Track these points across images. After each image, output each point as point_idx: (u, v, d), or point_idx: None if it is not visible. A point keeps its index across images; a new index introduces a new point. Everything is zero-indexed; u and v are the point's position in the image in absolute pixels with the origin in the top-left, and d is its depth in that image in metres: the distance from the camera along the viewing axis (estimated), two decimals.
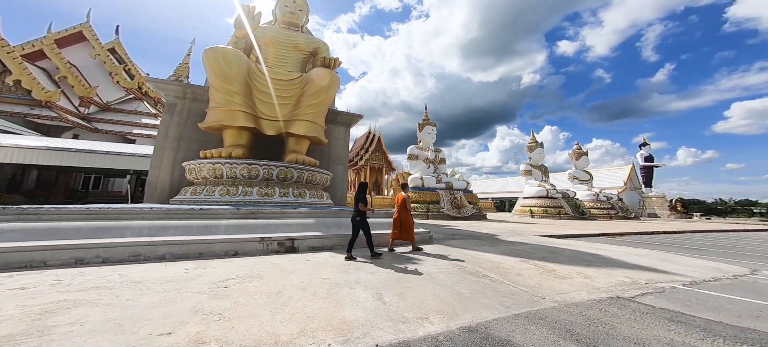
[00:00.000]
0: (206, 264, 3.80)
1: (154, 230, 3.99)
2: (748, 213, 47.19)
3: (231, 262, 3.97)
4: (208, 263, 3.89)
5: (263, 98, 10.56)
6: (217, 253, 4.17)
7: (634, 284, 3.69)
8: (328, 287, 3.02)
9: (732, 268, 5.12)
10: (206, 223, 4.31)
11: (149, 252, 3.79)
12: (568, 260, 5.07)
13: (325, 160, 14.39)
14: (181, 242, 3.97)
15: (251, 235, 4.39)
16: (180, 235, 4.04)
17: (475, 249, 5.93)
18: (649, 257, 5.71)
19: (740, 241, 11.41)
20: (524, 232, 10.41)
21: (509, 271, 4.03)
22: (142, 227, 3.99)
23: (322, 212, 5.79)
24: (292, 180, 7.91)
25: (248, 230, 4.48)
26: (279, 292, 2.78)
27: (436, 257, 4.96)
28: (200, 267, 3.67)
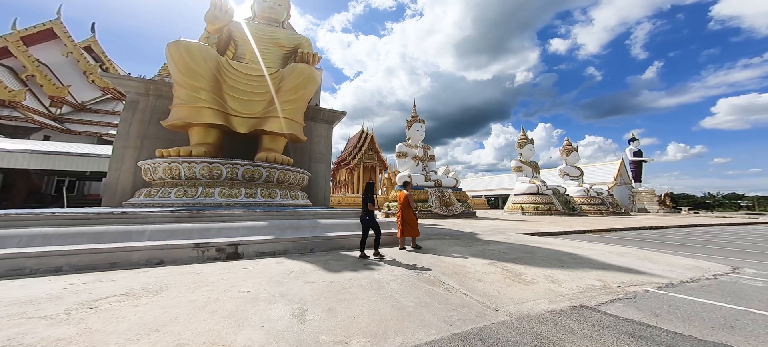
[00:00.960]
0: (107, 277, 3.33)
1: (52, 238, 3.48)
2: (735, 207, 48.09)
3: (144, 273, 3.51)
4: (115, 275, 3.42)
5: (235, 94, 10.06)
6: (134, 262, 3.71)
7: (604, 288, 3.37)
8: (240, 303, 2.61)
9: (713, 266, 4.86)
10: (126, 228, 3.85)
11: (38, 265, 3.30)
12: (541, 261, 4.75)
13: (305, 158, 13.94)
14: (86, 252, 3.49)
15: (183, 241, 3.95)
16: (87, 243, 3.54)
17: (447, 251, 5.58)
18: (629, 256, 5.43)
19: (725, 236, 11.31)
20: (507, 230, 10.12)
21: (471, 276, 3.68)
22: (34, 236, 3.45)
23: (281, 214, 5.35)
24: (260, 180, 7.46)
25: (181, 236, 4.05)
26: (163, 312, 2.36)
27: (400, 261, 4.59)
28: (96, 280, 3.21)
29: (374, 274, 3.70)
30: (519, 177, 30.83)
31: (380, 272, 3.83)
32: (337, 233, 5.20)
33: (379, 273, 3.80)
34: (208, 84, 9.00)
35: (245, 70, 10.91)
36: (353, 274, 3.65)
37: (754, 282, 3.92)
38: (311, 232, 4.98)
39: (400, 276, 3.67)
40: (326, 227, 5.27)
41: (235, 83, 10.21)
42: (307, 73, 12.02)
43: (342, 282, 3.29)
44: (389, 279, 3.51)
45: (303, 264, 4.10)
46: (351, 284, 3.23)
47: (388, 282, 3.33)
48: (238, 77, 10.43)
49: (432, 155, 24.33)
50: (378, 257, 4.68)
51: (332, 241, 5.06)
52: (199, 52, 9.02)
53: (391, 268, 4.10)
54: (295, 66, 12.54)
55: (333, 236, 5.07)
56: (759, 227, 16.93)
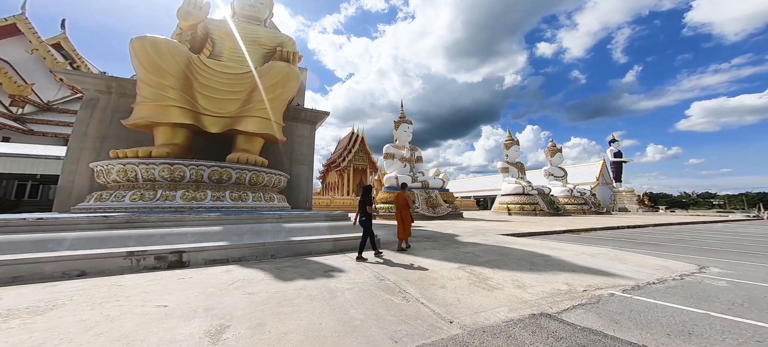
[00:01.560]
0: None
1: None
2: (708, 205, 50.55)
3: (50, 287, 3.10)
4: (12, 290, 3.01)
5: (207, 92, 9.62)
6: (47, 275, 3.29)
7: (569, 293, 3.25)
8: (145, 320, 2.31)
9: (681, 266, 4.89)
10: (40, 237, 3.44)
11: None
12: (512, 263, 4.63)
13: (286, 159, 13.54)
14: None
15: (114, 249, 3.57)
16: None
17: (421, 254, 5.40)
18: (601, 257, 5.41)
19: (696, 234, 11.68)
20: (489, 231, 10.09)
21: (435, 283, 3.49)
22: None
23: (239, 218, 5.00)
24: (229, 182, 7.09)
25: (113, 244, 3.68)
26: (30, 336, 2.01)
27: (366, 266, 4.36)
28: None
29: (330, 282, 3.45)
30: (505, 178, 31.26)
31: (339, 279, 3.59)
32: (303, 237, 4.92)
33: (338, 280, 3.56)
34: (177, 82, 8.55)
35: (219, 68, 10.48)
36: (306, 283, 3.39)
37: (718, 282, 3.93)
38: (273, 237, 4.68)
39: (361, 283, 3.44)
40: (292, 232, 4.99)
41: (207, 81, 9.78)
42: (286, 72, 11.69)
43: (289, 292, 3.03)
44: (346, 287, 3.28)
45: (254, 272, 3.81)
46: (298, 294, 2.98)
47: (343, 291, 3.10)
48: (211, 75, 10.00)
49: (419, 157, 24.29)
50: (378, 256, 4.92)
51: (297, 246, 4.78)
52: (167, 48, 8.57)
53: (356, 273, 3.87)
54: (274, 64, 12.17)
55: (298, 240, 4.80)
56: (727, 224, 17.72)
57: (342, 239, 5.21)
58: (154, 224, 4.21)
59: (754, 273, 4.67)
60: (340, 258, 4.77)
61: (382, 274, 3.82)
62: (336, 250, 5.15)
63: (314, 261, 4.51)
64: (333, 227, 5.55)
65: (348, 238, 5.32)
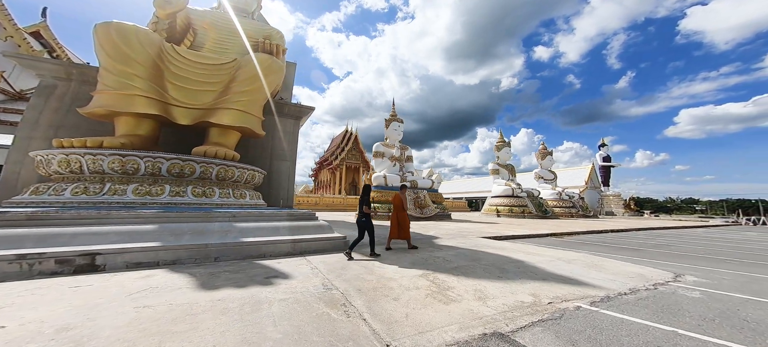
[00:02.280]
0: None
1: None
2: (692, 210, 51.89)
3: None
4: None
5: (179, 83, 9.12)
6: None
7: (533, 306, 2.99)
8: None
9: (657, 273, 4.72)
10: None
11: None
12: (481, 271, 4.37)
13: (266, 155, 13.07)
14: None
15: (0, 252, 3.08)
16: None
17: (388, 259, 5.10)
18: (577, 263, 5.21)
19: (678, 239, 11.73)
20: (471, 233, 9.88)
21: (389, 293, 3.19)
22: None
23: (181, 216, 4.53)
24: (193, 176, 6.65)
25: (5, 244, 3.19)
26: None
27: (319, 272, 4.04)
28: None
29: (263, 292, 3.08)
30: (495, 180, 31.30)
31: (276, 288, 3.23)
32: (256, 238, 4.54)
33: (274, 289, 3.19)
34: (145, 71, 8.05)
35: (194, 57, 9.98)
36: (231, 293, 3.00)
37: (692, 293, 3.74)
38: (220, 238, 4.30)
39: (301, 292, 3.10)
40: (244, 232, 4.61)
41: (180, 71, 9.27)
42: (266, 64, 11.24)
43: (200, 304, 2.66)
44: (279, 297, 2.93)
45: (177, 279, 3.41)
46: (211, 306, 2.61)
47: (272, 303, 2.75)
48: (184, 65, 9.49)
49: (409, 156, 24.02)
50: (374, 256, 5.00)
51: (248, 248, 4.40)
52: (135, 35, 8.05)
53: (301, 280, 3.52)
54: (255, 55, 11.70)
55: (250, 242, 4.42)
56: (708, 230, 18.01)
57: (303, 241, 4.86)
58: (66, 222, 3.73)
59: (729, 282, 4.52)
60: (295, 262, 4.42)
61: (333, 282, 3.48)
62: (295, 252, 4.80)
63: (262, 265, 4.14)
64: (295, 227, 5.19)
65: (311, 240, 4.98)
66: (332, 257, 4.83)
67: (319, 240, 5.13)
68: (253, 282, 3.39)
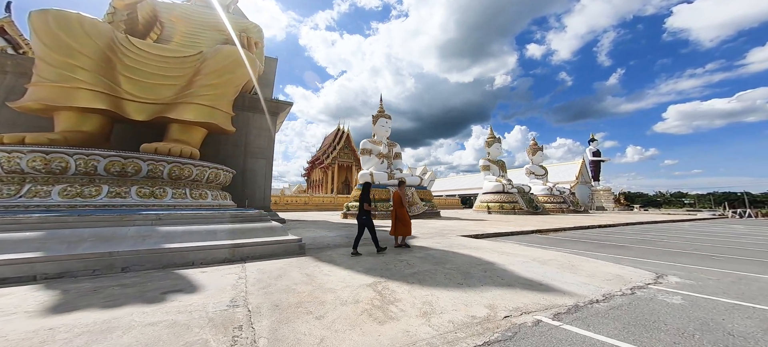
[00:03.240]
0: None
1: None
2: (680, 204, 52.64)
3: None
4: None
5: (134, 75, 8.43)
6: None
7: (484, 322, 2.52)
8: None
9: (637, 275, 4.31)
10: None
11: None
12: (442, 276, 3.89)
13: (240, 153, 12.45)
14: None
15: None
16: None
17: (344, 263, 4.60)
18: (552, 264, 4.78)
19: (664, 233, 11.49)
20: (453, 231, 9.44)
21: (314, 310, 2.68)
22: None
23: (81, 220, 3.82)
24: (139, 175, 6.03)
25: None
26: None
27: (249, 281, 3.51)
28: None
29: (133, 313, 2.46)
30: (486, 176, 31.03)
31: (157, 308, 2.60)
32: (183, 244, 3.98)
33: (152, 310, 2.55)
34: (91, 63, 7.36)
35: (153, 49, 9.28)
36: (85, 316, 2.38)
37: (671, 298, 3.32)
38: (134, 244, 3.73)
39: (190, 312, 2.54)
40: (168, 237, 4.04)
41: (135, 64, 8.58)
42: (234, 57, 10.58)
43: (23, 334, 2.09)
44: (150, 321, 2.32)
45: (36, 297, 2.81)
46: (31, 337, 2.05)
47: (130, 329, 2.17)
48: (140, 57, 8.79)
49: (398, 153, 23.51)
50: (381, 251, 5.46)
51: (171, 255, 3.82)
52: (78, 24, 7.34)
53: (208, 296, 2.97)
54: (221, 48, 11.03)
55: (173, 248, 3.86)
56: (695, 223, 17.95)
57: (246, 246, 4.33)
58: None
59: (714, 282, 4.14)
60: (224, 271, 3.86)
61: (250, 297, 2.93)
62: (235, 259, 4.27)
63: (179, 275, 3.56)
64: (238, 230, 4.65)
65: (257, 244, 4.45)
66: (276, 264, 4.29)
67: (268, 244, 4.60)
68: (141, 299, 2.81)
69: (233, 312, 2.55)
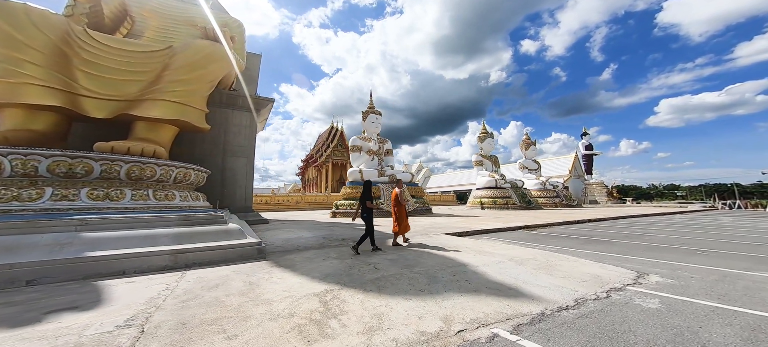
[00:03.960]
0: None
1: None
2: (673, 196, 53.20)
3: None
4: None
5: (93, 71, 7.93)
6: None
7: (433, 340, 2.21)
8: None
9: (616, 274, 4.04)
10: None
11: None
12: (406, 282, 3.58)
13: (218, 152, 11.99)
14: None
15: None
16: None
17: (302, 267, 4.26)
18: (528, 265, 4.50)
19: (653, 227, 11.35)
20: (438, 229, 9.14)
21: (230, 329, 2.34)
22: None
23: None
24: (91, 177, 5.59)
25: None
26: None
27: (175, 293, 3.16)
28: None
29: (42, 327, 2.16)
30: (479, 172, 30.83)
31: (27, 333, 2.24)
32: (111, 251, 3.57)
33: (20, 334, 2.20)
34: (41, 57, 6.86)
35: (115, 44, 8.75)
36: None
37: (648, 302, 3.04)
38: (47, 253, 3.31)
39: (65, 333, 2.17)
40: (96, 244, 3.63)
41: (94, 58, 8.07)
42: (207, 51, 10.09)
43: None
44: None
45: None
46: None
47: None
48: (101, 52, 8.27)
49: (388, 149, 23.13)
50: (376, 249, 5.59)
51: (95, 265, 3.44)
52: (25, 15, 6.83)
53: (106, 313, 2.59)
54: (193, 42, 10.52)
55: (98, 256, 3.44)
56: (685, 216, 17.94)
57: (191, 251, 3.96)
58: None
59: (697, 281, 3.89)
60: (157, 280, 3.47)
61: (156, 314, 2.53)
62: (178, 266, 3.90)
63: (95, 286, 3.16)
64: (183, 234, 4.26)
65: (204, 249, 4.08)
66: (222, 271, 3.90)
67: (220, 249, 4.24)
68: (12, 322, 2.36)
69: (118, 333, 2.19)
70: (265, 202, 29.54)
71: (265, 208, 28.56)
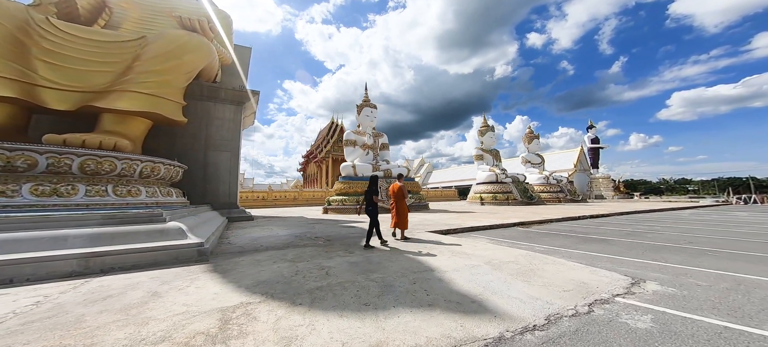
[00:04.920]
0: None
1: None
2: (684, 191, 51.43)
3: None
4: None
5: (55, 61, 7.52)
6: None
7: None
8: None
9: (606, 281, 3.46)
10: None
11: None
12: (350, 294, 3.06)
13: (199, 146, 11.58)
14: None
15: None
16: None
17: (232, 274, 3.79)
18: (506, 269, 3.94)
19: (659, 223, 10.60)
20: (426, 226, 8.59)
21: None
22: None
23: None
24: (36, 171, 5.21)
25: None
26: None
27: (45, 307, 2.71)
28: None
29: None
30: (480, 166, 30.03)
31: None
32: (20, 254, 3.14)
33: None
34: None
35: (82, 33, 8.32)
36: None
37: (638, 319, 2.47)
38: None
39: None
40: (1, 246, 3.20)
41: (57, 48, 7.65)
42: (182, 41, 9.62)
43: None
44: None
45: None
46: None
47: None
48: (65, 41, 7.85)
49: (384, 144, 22.52)
50: (383, 243, 5.66)
51: None
52: None
53: None
54: (167, 32, 10.07)
55: (5, 260, 3.03)
56: (696, 211, 16.98)
57: (109, 254, 3.48)
58: None
59: (703, 290, 3.28)
60: (43, 289, 2.97)
61: None
62: (90, 270, 3.42)
63: None
64: (103, 235, 3.77)
65: (125, 251, 3.60)
66: (137, 277, 3.38)
67: (147, 252, 3.80)
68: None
69: None
70: (262, 198, 29.36)
71: (262, 204, 28.37)
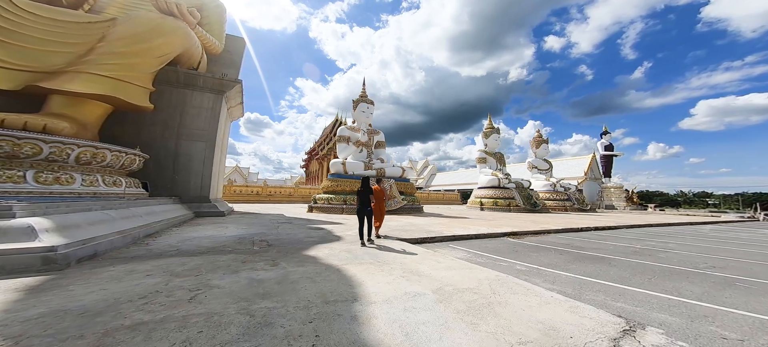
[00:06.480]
0: None
1: None
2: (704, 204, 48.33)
3: None
4: None
5: (8, 38, 6.96)
6: None
7: None
8: None
9: (589, 325, 2.49)
10: None
11: None
12: (239, 330, 2.21)
13: (171, 135, 10.95)
14: None
15: None
16: None
17: (78, 286, 2.99)
18: (456, 302, 3.02)
19: (674, 239, 9.31)
20: (404, 232, 7.67)
21: None
22: None
23: None
24: None
25: None
26: None
27: None
28: None
29: None
30: (482, 169, 28.76)
31: None
32: None
33: None
34: None
35: (43, 12, 7.78)
36: None
37: None
38: None
39: None
40: None
41: (11, 26, 7.07)
42: (153, 24, 9.02)
43: None
44: None
45: None
46: None
47: None
48: (22, 20, 7.28)
49: (380, 141, 21.60)
50: (378, 239, 6.10)
51: None
52: None
53: None
54: (138, 13, 9.49)
55: None
56: (717, 227, 15.31)
57: None
58: None
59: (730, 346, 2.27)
60: None
61: None
62: None
63: None
64: None
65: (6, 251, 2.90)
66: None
67: (21, 251, 3.07)
68: None
69: None
70: (256, 193, 28.99)
71: (255, 199, 27.98)
